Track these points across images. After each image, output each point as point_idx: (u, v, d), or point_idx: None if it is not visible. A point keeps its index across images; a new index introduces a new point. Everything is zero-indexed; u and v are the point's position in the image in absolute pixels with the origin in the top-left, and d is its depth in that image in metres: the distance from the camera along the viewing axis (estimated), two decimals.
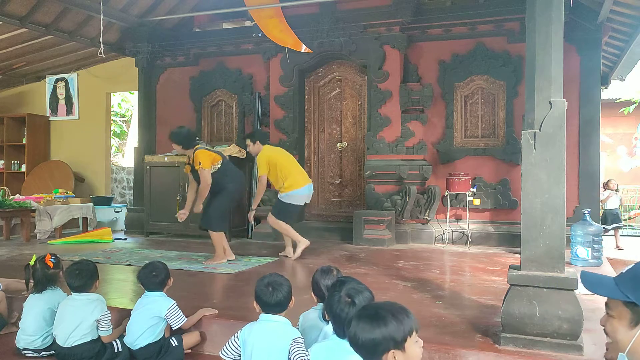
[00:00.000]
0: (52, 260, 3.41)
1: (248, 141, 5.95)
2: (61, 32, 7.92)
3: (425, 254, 6.13)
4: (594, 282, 1.49)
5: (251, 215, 6.20)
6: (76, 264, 3.29)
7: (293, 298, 2.69)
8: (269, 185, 6.16)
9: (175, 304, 3.23)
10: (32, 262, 3.44)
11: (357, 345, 1.69)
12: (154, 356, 3.12)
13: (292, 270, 5.19)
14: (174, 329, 3.24)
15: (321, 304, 2.63)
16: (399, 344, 1.64)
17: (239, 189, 5.86)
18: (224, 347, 2.65)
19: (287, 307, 2.64)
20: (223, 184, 5.42)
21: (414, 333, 1.68)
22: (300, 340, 2.54)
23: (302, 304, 3.09)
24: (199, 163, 5.23)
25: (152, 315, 3.16)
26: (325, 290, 2.67)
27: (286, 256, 5.86)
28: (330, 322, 2.31)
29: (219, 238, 5.51)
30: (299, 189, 5.80)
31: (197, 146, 5.38)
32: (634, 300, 1.33)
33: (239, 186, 5.76)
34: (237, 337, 2.63)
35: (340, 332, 2.21)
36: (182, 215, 5.52)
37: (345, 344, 2.16)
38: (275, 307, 2.59)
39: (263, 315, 2.63)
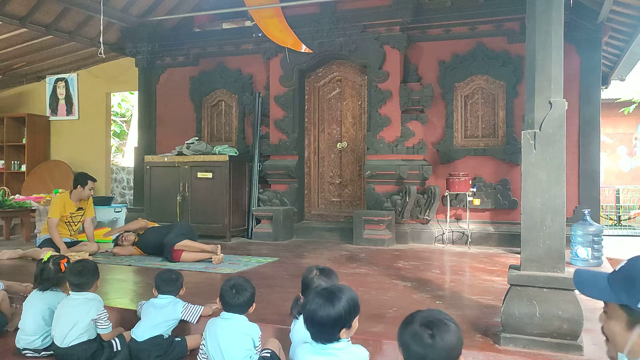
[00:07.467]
0: (66, 264, 3.45)
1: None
2: (61, 32, 7.92)
3: (425, 254, 6.13)
4: (587, 282, 1.40)
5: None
6: (79, 262, 3.36)
7: (254, 305, 2.85)
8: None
9: (187, 304, 3.35)
10: (45, 259, 3.46)
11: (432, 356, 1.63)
12: (161, 350, 3.14)
13: (293, 271, 5.18)
14: (195, 323, 3.33)
15: None
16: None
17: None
18: (198, 354, 2.86)
19: (246, 310, 2.82)
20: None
21: None
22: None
23: None
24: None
25: (165, 319, 3.23)
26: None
27: None
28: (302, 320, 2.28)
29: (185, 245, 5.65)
30: None
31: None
32: (627, 304, 1.28)
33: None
34: (203, 337, 2.84)
35: (316, 336, 2.20)
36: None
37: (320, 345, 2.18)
38: (235, 307, 2.78)
39: (224, 314, 2.82)
